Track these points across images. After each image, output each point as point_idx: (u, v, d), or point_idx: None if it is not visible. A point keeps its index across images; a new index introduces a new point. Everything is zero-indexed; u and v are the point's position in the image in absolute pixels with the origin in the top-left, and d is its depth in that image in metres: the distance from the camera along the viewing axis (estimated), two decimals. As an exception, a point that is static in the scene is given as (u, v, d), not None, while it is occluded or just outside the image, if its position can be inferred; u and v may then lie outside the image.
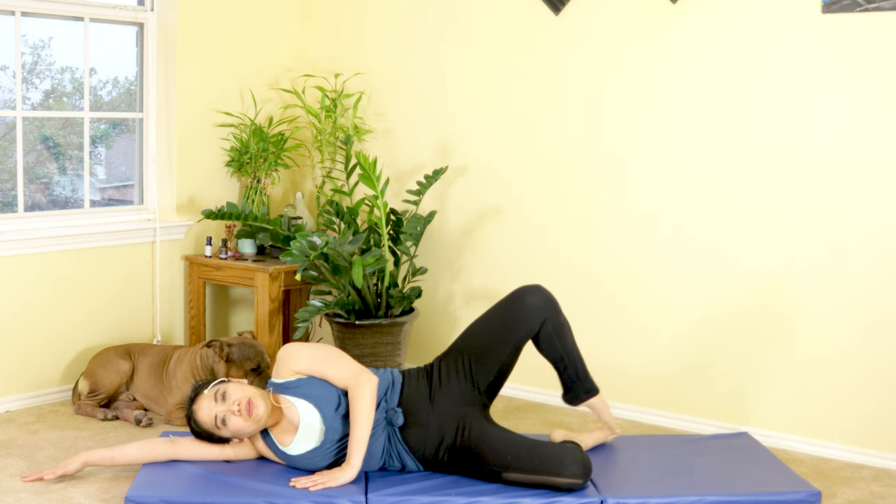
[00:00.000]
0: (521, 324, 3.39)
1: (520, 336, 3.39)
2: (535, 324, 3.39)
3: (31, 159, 4.53)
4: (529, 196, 4.56)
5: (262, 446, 3.39)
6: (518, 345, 3.41)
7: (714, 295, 4.11)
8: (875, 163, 3.74)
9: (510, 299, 3.45)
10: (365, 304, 4.45)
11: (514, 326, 3.39)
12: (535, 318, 3.39)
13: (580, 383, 3.52)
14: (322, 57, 5.16)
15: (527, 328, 3.39)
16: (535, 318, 3.39)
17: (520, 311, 3.40)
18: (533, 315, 3.39)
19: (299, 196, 5.01)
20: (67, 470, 3.37)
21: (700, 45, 4.07)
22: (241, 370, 3.98)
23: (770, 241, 3.97)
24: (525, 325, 3.39)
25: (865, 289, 3.78)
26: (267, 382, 3.60)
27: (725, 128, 4.04)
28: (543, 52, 4.47)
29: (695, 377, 4.18)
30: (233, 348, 3.99)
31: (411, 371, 3.47)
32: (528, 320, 3.39)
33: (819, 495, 3.20)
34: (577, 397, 3.54)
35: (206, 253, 4.79)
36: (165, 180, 4.78)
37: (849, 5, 3.71)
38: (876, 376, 3.78)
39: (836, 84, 3.79)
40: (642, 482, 3.30)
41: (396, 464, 3.37)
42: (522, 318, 3.39)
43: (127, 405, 4.17)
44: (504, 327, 3.40)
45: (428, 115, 4.84)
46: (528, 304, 3.40)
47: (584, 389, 3.53)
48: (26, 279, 4.28)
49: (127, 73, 4.76)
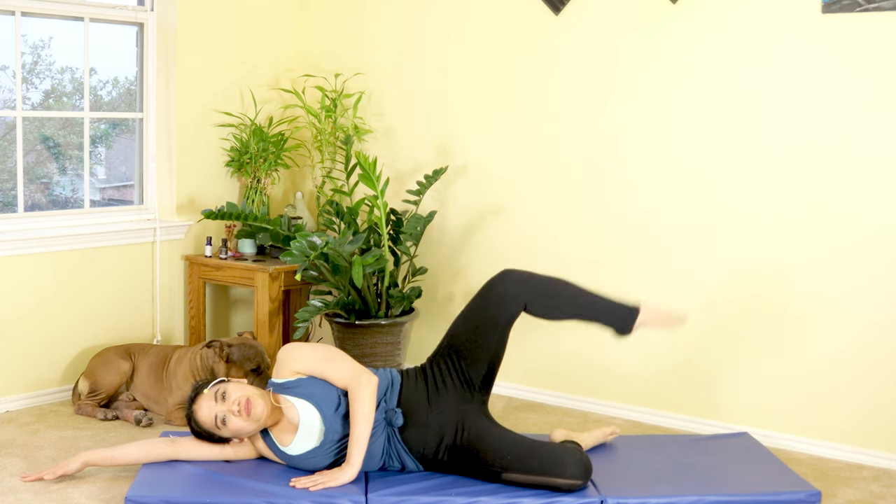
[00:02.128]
0: (499, 313, 3.35)
1: (501, 326, 3.36)
2: (514, 309, 3.35)
3: (31, 159, 4.53)
4: (530, 196, 4.56)
5: (262, 446, 3.39)
6: (502, 334, 3.38)
7: (714, 295, 4.11)
8: (875, 162, 3.74)
9: (483, 291, 3.41)
10: (365, 304, 4.45)
11: (492, 317, 3.36)
12: (510, 304, 3.34)
13: (615, 317, 3.39)
14: (322, 57, 5.16)
15: (505, 317, 3.35)
16: (511, 305, 3.34)
17: (495, 301, 3.36)
18: (509, 302, 3.34)
19: (299, 196, 5.01)
20: (67, 470, 3.37)
21: (700, 45, 4.07)
22: (241, 370, 3.98)
23: (770, 241, 3.97)
24: (502, 315, 3.35)
25: (866, 288, 3.78)
26: (267, 383, 3.60)
27: (725, 127, 4.04)
28: (543, 52, 4.47)
29: (695, 377, 4.18)
30: (233, 349, 3.99)
31: (409, 371, 3.46)
32: (506, 308, 3.35)
33: (819, 495, 3.20)
34: (625, 328, 3.40)
35: (206, 253, 4.79)
36: (165, 180, 4.78)
37: (849, 5, 3.71)
38: (876, 376, 3.78)
39: (836, 84, 3.79)
40: (642, 482, 3.30)
41: (396, 464, 3.37)
42: (501, 306, 3.35)
43: (127, 405, 4.17)
44: (483, 320, 3.37)
45: (428, 115, 4.84)
46: (499, 294, 3.36)
47: (623, 317, 3.39)
48: (26, 279, 4.28)
49: (127, 73, 4.76)
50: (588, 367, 4.43)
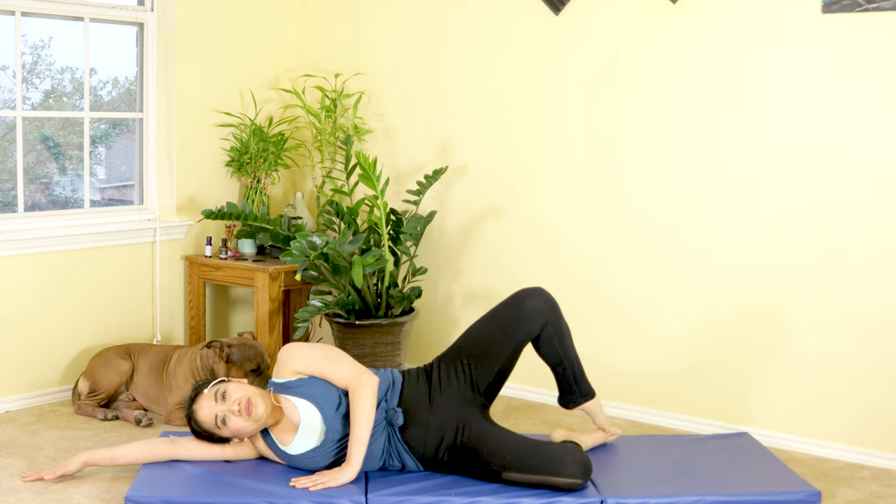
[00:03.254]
0: (521, 326, 3.38)
1: (520, 339, 3.39)
2: (536, 327, 3.39)
3: (31, 159, 4.53)
4: (529, 196, 4.56)
5: (262, 446, 3.39)
6: (518, 347, 3.41)
7: (714, 295, 4.11)
8: (875, 162, 3.74)
9: (511, 301, 3.45)
10: (365, 304, 4.45)
11: (514, 329, 3.38)
12: (535, 321, 3.39)
13: (577, 387, 3.53)
14: (322, 57, 5.16)
15: (527, 331, 3.39)
16: (535, 322, 3.39)
17: (520, 313, 3.39)
18: (534, 318, 3.39)
19: (299, 196, 5.01)
20: (67, 470, 3.37)
21: (700, 45, 4.07)
22: (241, 371, 3.98)
23: (770, 241, 3.97)
24: (525, 328, 3.39)
25: (865, 289, 3.78)
26: (267, 383, 3.61)
27: (726, 128, 4.04)
28: (543, 52, 4.47)
29: (695, 377, 4.18)
30: (233, 349, 3.99)
31: (411, 371, 3.47)
32: (529, 323, 3.38)
33: (819, 495, 3.20)
34: (575, 401, 3.55)
35: (206, 253, 4.79)
36: (165, 180, 4.78)
37: (849, 5, 3.71)
38: (876, 376, 3.78)
39: (836, 84, 3.79)
40: (642, 482, 3.30)
41: (396, 464, 3.37)
42: (523, 320, 3.38)
43: (127, 405, 4.17)
44: (504, 330, 3.39)
45: (428, 115, 4.84)
46: (528, 307, 3.39)
47: (582, 393, 3.54)
48: (26, 279, 4.28)
49: (127, 73, 4.76)
50: (589, 367, 4.41)
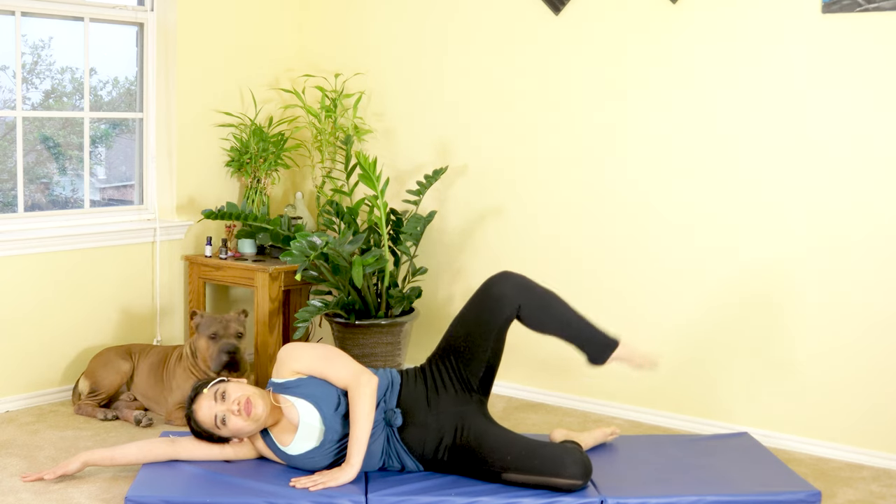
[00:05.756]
0: (494, 315, 3.36)
1: (497, 327, 3.37)
2: (510, 311, 3.35)
3: (31, 159, 4.53)
4: (530, 196, 4.56)
5: (261, 446, 3.39)
6: (499, 335, 3.38)
7: (714, 295, 4.11)
8: (875, 162, 3.74)
9: (479, 294, 3.42)
10: (365, 304, 4.45)
11: (488, 319, 3.36)
12: (507, 306, 3.35)
13: (594, 344, 3.41)
14: (322, 57, 5.16)
15: (501, 318, 3.36)
16: (507, 307, 3.35)
17: (491, 302, 3.37)
18: (504, 303, 3.35)
19: (299, 196, 5.01)
20: (67, 470, 3.37)
21: (700, 44, 4.07)
22: (202, 338, 4.08)
23: (770, 240, 3.97)
24: (499, 316, 3.35)
25: (866, 288, 3.78)
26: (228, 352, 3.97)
27: (726, 127, 4.04)
28: (543, 52, 4.47)
29: (695, 377, 4.18)
30: (204, 319, 4.12)
31: (409, 371, 3.47)
32: (501, 310, 3.35)
33: (819, 495, 3.20)
34: (599, 357, 3.43)
35: (206, 253, 4.79)
36: (165, 180, 4.78)
37: (849, 5, 3.71)
38: (876, 376, 3.78)
39: (836, 84, 3.79)
40: (642, 482, 3.30)
41: (396, 464, 3.37)
42: (495, 309, 3.35)
43: (127, 405, 4.17)
44: (480, 323, 3.37)
45: (428, 115, 4.84)
46: (496, 294, 3.36)
47: (602, 345, 3.41)
48: (26, 279, 4.28)
49: (127, 73, 4.76)
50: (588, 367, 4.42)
